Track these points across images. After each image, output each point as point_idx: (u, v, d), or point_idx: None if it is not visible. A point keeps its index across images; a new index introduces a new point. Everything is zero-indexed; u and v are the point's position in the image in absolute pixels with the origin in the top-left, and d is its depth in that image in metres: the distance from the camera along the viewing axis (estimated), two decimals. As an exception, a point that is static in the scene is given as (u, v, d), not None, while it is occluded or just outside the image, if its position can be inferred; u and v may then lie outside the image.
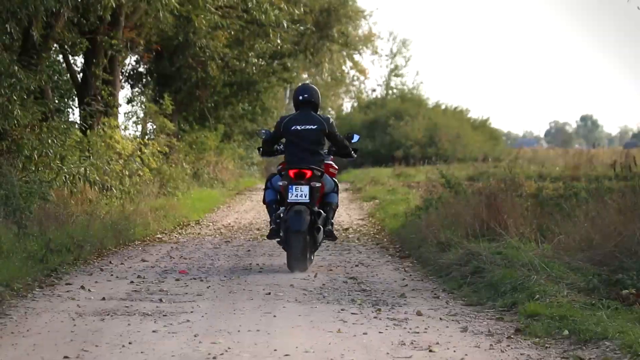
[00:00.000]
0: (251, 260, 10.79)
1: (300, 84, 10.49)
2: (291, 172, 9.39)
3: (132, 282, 8.79)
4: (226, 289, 8.30)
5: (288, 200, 9.29)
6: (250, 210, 19.82)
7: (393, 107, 48.01)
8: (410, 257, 10.98)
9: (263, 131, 10.00)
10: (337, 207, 9.74)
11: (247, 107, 30.68)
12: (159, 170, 19.68)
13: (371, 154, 44.94)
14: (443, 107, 50.40)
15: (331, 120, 9.69)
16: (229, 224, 16.45)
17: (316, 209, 9.37)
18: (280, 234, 9.39)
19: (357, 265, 10.27)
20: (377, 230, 14.91)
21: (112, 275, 9.31)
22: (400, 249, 11.99)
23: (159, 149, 19.82)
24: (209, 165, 26.82)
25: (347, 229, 15.26)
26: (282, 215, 9.33)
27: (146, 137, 21.16)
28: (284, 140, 9.67)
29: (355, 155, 9.92)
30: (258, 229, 15.34)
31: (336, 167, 9.88)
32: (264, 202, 9.76)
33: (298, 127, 9.46)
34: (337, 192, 9.72)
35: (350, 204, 21.57)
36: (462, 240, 9.86)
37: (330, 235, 9.64)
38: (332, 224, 9.66)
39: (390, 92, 57.79)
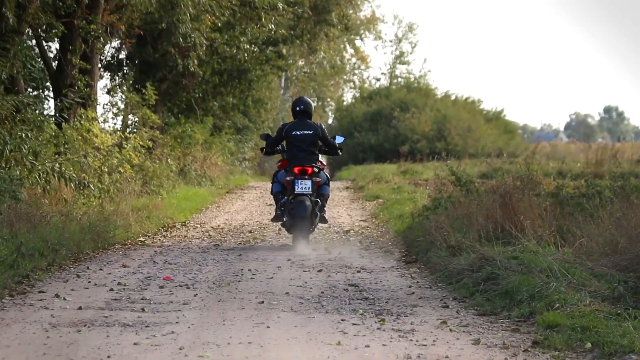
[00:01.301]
0: (243, 265, 10.81)
1: (297, 97, 13.70)
2: (296, 169, 12.76)
3: (111, 289, 8.80)
4: (215, 298, 8.32)
5: (295, 192, 12.64)
6: (241, 211, 19.83)
7: (398, 97, 48.05)
8: (417, 262, 11.02)
9: (263, 135, 13.55)
10: (328, 196, 13.29)
11: (238, 97, 30.65)
12: (142, 167, 19.65)
13: (374, 148, 44.99)
14: (453, 97, 50.47)
15: (323, 126, 13.17)
16: (219, 225, 16.48)
17: (314, 198, 12.74)
18: (284, 219, 12.82)
19: (358, 271, 10.29)
20: (381, 233, 14.92)
21: (89, 282, 9.30)
22: (406, 253, 12.01)
23: (141, 143, 19.81)
24: (196, 161, 26.81)
25: (347, 231, 15.29)
26: (286, 203, 12.73)
27: (127, 130, 21.16)
28: (284, 142, 13.04)
29: (340, 154, 13.38)
30: (250, 232, 15.34)
31: (325, 163, 13.43)
32: (272, 193, 13.26)
33: (298, 132, 12.89)
34: (328, 185, 13.21)
35: (351, 204, 21.59)
36: (474, 244, 9.92)
37: (322, 219, 13.02)
38: (324, 211, 13.09)
39: (395, 81, 57.85)
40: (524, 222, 10.28)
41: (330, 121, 56.99)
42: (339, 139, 13.40)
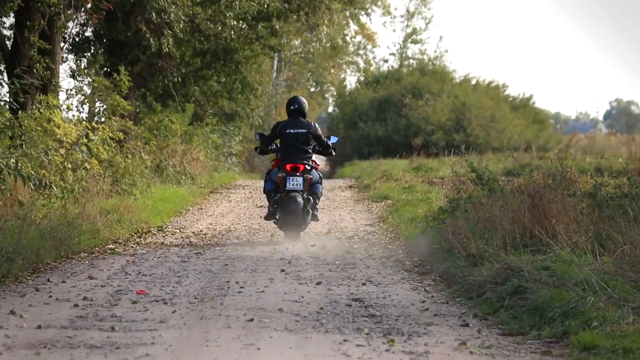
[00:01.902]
0: (229, 277, 10.81)
1: (291, 97, 15.59)
2: (288, 166, 14.60)
3: (76, 305, 8.78)
4: (197, 314, 8.32)
5: (286, 189, 14.48)
6: (227, 214, 19.83)
7: (410, 82, 48.07)
8: (431, 274, 11.03)
9: (257, 134, 15.39)
10: (321, 194, 15.20)
11: (224, 81, 30.61)
12: (111, 162, 19.67)
13: (382, 141, 44.99)
14: (473, 82, 50.50)
15: (316, 125, 14.98)
16: (201, 230, 16.52)
17: (306, 195, 14.59)
18: (277, 216, 14.64)
19: (364, 284, 10.32)
20: (390, 239, 14.95)
21: (50, 296, 9.28)
22: (419, 263, 12.03)
23: (111, 135, 19.78)
24: (174, 156, 26.81)
25: (351, 238, 15.29)
26: (278, 201, 14.54)
27: (95, 120, 21.15)
28: (277, 140, 14.93)
29: (334, 154, 15.30)
30: (238, 238, 15.32)
31: (318, 163, 15.32)
32: (264, 191, 15.02)
33: (291, 131, 14.77)
34: (321, 183, 15.07)
35: (355, 206, 21.60)
36: (498, 252, 9.92)
37: (314, 218, 14.94)
38: (317, 209, 15.01)
39: (406, 63, 57.84)
40: (557, 227, 10.26)
41: (330, 109, 57.02)
42: (333, 139, 15.24)
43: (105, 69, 24.15)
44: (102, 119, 21.66)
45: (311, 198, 14.72)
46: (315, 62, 53.53)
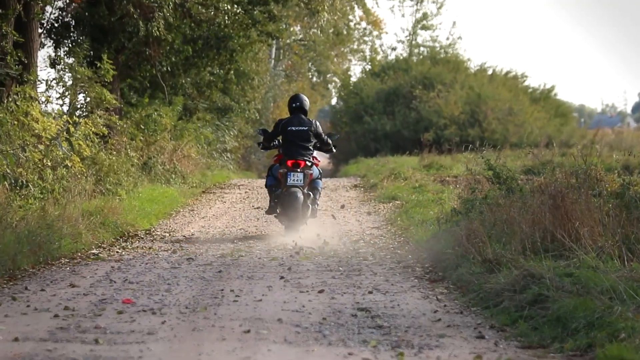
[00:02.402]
0: (223, 285, 10.75)
1: (293, 94, 17.67)
2: (289, 162, 16.33)
3: (56, 315, 8.76)
4: (188, 326, 8.30)
5: (287, 184, 16.21)
6: (221, 216, 19.82)
7: (420, 71, 48.06)
8: (444, 281, 10.98)
9: (260, 130, 17.22)
10: (321, 189, 17.00)
11: (217, 72, 30.56)
12: (95, 160, 19.64)
13: (390, 137, 44.98)
14: (490, 71, 50.49)
15: (317, 123, 16.83)
16: (192, 234, 16.50)
17: (306, 191, 16.32)
18: (277, 210, 16.39)
19: (370, 292, 10.31)
20: (399, 244, 14.95)
21: (28, 306, 9.27)
22: (430, 270, 12.02)
23: (94, 129, 19.80)
24: (163, 153, 26.78)
25: (356, 241, 15.32)
26: (280, 196, 16.26)
27: (76, 113, 21.14)
28: (279, 137, 16.76)
29: (334, 151, 17.35)
30: (233, 242, 15.35)
31: (319, 159, 17.16)
32: (266, 185, 16.85)
33: (293, 128, 16.57)
34: (321, 179, 16.90)
35: (360, 207, 21.59)
36: (517, 257, 9.91)
37: (314, 213, 16.63)
38: (317, 204, 16.77)
39: (416, 51, 57.82)
40: (580, 230, 10.25)
41: (334, 102, 56.97)
42: (335, 136, 17.20)
43: (88, 58, 24.08)
44: (85, 113, 21.64)
45: (311, 193, 16.47)
46: (316, 50, 53.49)
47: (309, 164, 16.50)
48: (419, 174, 27.67)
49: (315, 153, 17.00)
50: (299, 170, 16.32)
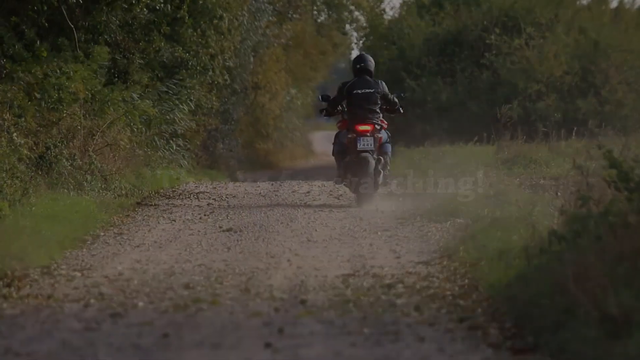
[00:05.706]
0: (171, 358, 8.90)
1: (357, 55, 20.88)
2: (358, 127, 18.09)
3: None
4: None
5: (357, 149, 18.12)
6: (169, 243, 16.52)
7: (499, 5, 38.73)
8: (537, 352, 9.25)
9: (321, 96, 19.33)
10: (391, 154, 19.17)
11: (162, 6, 25.83)
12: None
13: (447, 113, 35.10)
14: (615, 3, 42.99)
15: (383, 83, 18.43)
16: (121, 274, 13.72)
17: (376, 155, 18.33)
18: (348, 178, 18.37)
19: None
20: (461, 290, 12.49)
21: None
22: (514, 333, 9.89)
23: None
24: (72, 139, 22.71)
25: (391, 285, 12.61)
26: (349, 162, 18.42)
27: None
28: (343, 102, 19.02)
29: (402, 111, 18.99)
30: (188, 287, 12.57)
31: (386, 122, 18.95)
32: (333, 153, 18.92)
33: (359, 91, 18.11)
34: (390, 143, 18.78)
35: (398, 228, 17.68)
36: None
37: (385, 180, 18.70)
38: (388, 170, 18.73)
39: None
40: None
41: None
42: (398, 95, 18.85)
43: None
44: None
45: (382, 158, 18.19)
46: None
47: (378, 127, 18.12)
48: (494, 174, 22.94)
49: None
50: (368, 134, 18.01)
